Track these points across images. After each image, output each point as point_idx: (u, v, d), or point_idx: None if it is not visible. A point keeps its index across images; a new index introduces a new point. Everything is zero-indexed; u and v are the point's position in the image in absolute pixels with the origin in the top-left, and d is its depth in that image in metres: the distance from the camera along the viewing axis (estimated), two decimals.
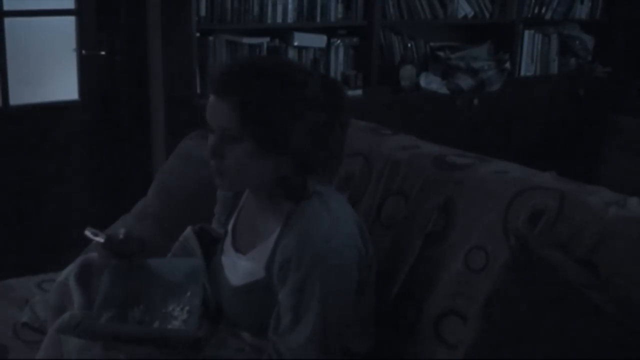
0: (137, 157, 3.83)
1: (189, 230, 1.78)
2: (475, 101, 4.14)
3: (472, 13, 4.24)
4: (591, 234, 1.44)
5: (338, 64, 3.93)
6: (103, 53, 3.69)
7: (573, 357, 1.25)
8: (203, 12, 3.48)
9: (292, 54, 3.78)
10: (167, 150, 3.59)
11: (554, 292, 1.33)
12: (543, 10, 4.50)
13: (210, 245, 1.75)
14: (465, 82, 4.15)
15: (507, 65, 4.31)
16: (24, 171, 3.59)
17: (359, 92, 3.85)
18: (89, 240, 2.30)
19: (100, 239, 1.66)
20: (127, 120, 3.79)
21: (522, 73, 4.53)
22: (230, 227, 1.70)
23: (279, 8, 3.66)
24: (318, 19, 3.79)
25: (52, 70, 3.69)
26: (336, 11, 3.84)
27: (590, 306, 1.29)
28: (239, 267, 1.59)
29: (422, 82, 4.07)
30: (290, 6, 3.69)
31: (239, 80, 1.46)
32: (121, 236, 1.68)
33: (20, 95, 3.55)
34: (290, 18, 3.71)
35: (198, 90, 3.54)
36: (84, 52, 3.66)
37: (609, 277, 1.38)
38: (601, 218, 1.45)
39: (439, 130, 3.70)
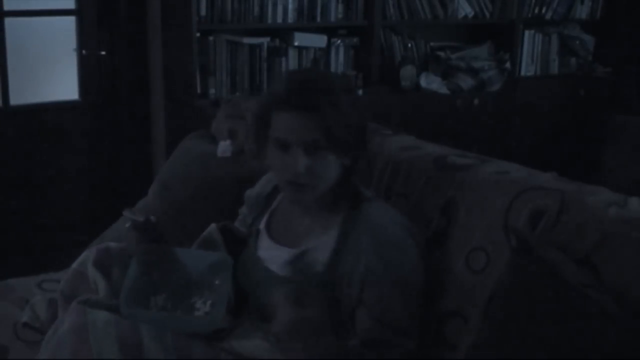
0: (138, 156, 3.84)
1: (213, 227, 1.81)
2: (476, 101, 4.14)
3: (473, 13, 4.24)
4: (591, 235, 1.44)
5: (338, 64, 3.93)
6: (103, 53, 3.69)
7: (574, 357, 1.25)
8: (203, 12, 3.48)
9: (292, 54, 3.78)
10: (167, 149, 3.59)
11: (554, 292, 1.33)
12: (543, 10, 4.49)
13: (233, 243, 1.77)
14: (465, 82, 4.15)
15: (508, 65, 4.30)
16: (24, 171, 3.59)
17: (359, 92, 3.85)
18: (88, 239, 2.32)
19: (140, 218, 1.69)
20: (127, 120, 3.79)
21: (523, 73, 4.52)
22: (263, 225, 1.74)
23: (279, 8, 3.66)
24: (318, 19, 3.79)
25: (52, 70, 3.69)
26: (336, 11, 3.84)
27: (590, 306, 1.29)
28: (285, 260, 1.62)
29: (423, 82, 4.06)
30: (290, 6, 3.68)
31: (320, 93, 1.52)
32: (153, 221, 1.70)
33: (21, 95, 3.56)
34: (291, 18, 3.71)
35: (198, 90, 3.55)
36: (84, 52, 3.67)
37: (609, 277, 1.38)
38: (601, 218, 1.45)
39: (439, 130, 3.70)
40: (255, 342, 1.54)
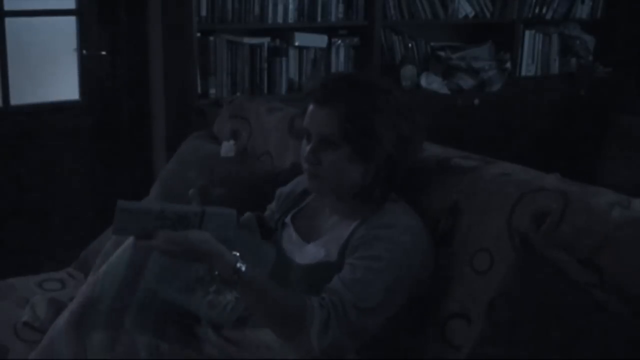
0: (138, 157, 3.83)
1: (250, 214, 1.85)
2: (476, 101, 4.14)
3: (473, 13, 4.24)
4: (595, 235, 1.44)
5: (339, 64, 3.92)
6: (104, 53, 3.68)
7: (578, 357, 1.24)
8: (204, 12, 3.48)
9: (293, 54, 3.78)
10: (167, 150, 3.59)
11: (558, 292, 1.33)
12: (544, 10, 4.50)
13: (265, 233, 1.84)
14: (466, 82, 4.15)
15: (508, 65, 4.31)
16: (24, 171, 3.59)
17: None
18: (88, 239, 2.31)
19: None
20: (127, 121, 3.78)
21: (523, 73, 4.53)
22: (289, 219, 1.80)
23: (280, 8, 3.66)
24: (319, 19, 3.79)
25: (52, 70, 3.68)
26: (337, 11, 3.83)
27: (595, 306, 1.29)
28: (307, 251, 1.69)
29: (423, 82, 4.06)
30: (291, 6, 3.68)
31: (339, 90, 1.60)
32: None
33: (21, 95, 3.55)
34: (291, 18, 3.71)
35: (198, 91, 3.54)
36: (84, 52, 3.66)
37: (613, 277, 1.38)
38: (605, 219, 1.45)
39: (440, 130, 3.69)
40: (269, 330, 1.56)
